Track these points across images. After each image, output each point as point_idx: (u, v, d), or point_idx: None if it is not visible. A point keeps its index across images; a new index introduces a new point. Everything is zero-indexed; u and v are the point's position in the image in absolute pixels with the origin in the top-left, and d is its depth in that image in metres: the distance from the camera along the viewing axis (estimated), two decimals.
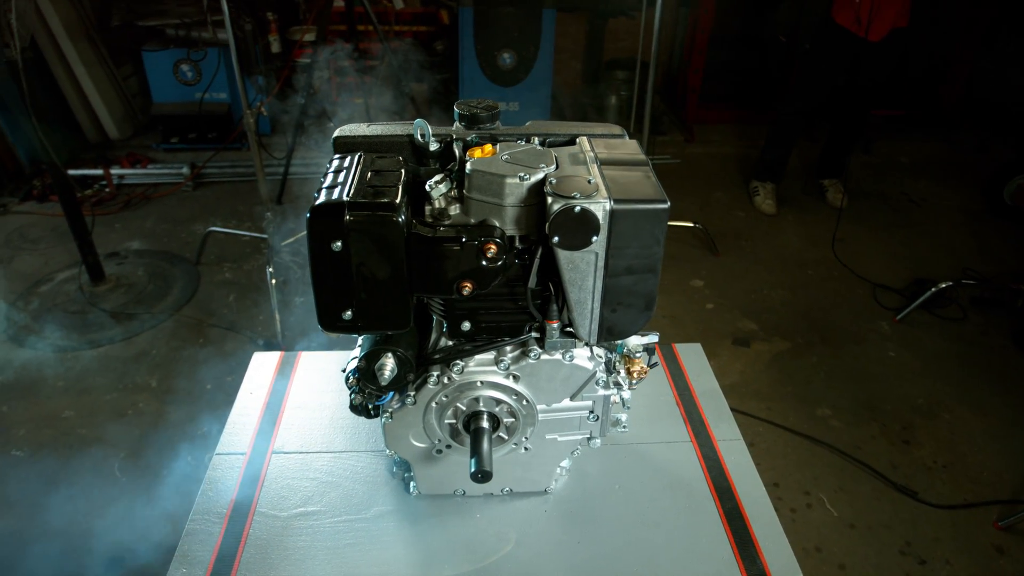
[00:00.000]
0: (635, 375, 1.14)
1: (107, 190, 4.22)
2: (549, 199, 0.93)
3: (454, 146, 1.10)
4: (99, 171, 4.24)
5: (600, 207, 0.92)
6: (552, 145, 1.11)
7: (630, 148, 1.07)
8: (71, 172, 4.23)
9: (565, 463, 1.28)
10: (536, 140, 1.11)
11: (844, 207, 3.93)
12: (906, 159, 4.70)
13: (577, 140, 1.10)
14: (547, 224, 0.93)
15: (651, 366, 1.16)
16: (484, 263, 0.97)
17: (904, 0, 3.38)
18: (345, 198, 0.94)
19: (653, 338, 1.19)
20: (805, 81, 3.83)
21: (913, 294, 3.22)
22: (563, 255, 0.96)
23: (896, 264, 3.57)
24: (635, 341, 1.15)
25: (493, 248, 0.96)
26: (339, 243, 0.94)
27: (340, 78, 5.06)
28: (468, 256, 0.96)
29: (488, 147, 1.05)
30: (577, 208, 0.91)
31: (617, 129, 1.15)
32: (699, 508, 1.24)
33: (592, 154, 1.04)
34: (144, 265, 3.56)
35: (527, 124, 1.17)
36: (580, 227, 0.93)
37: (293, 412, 1.45)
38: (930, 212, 4.10)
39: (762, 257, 3.62)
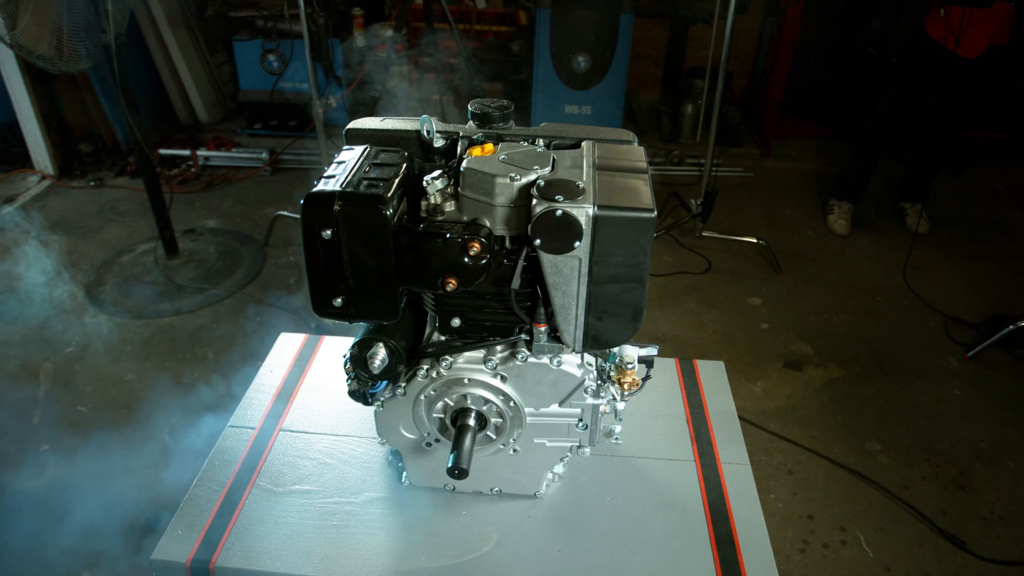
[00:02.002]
0: (626, 387, 1.11)
1: (192, 170, 4.46)
2: (533, 201, 0.93)
3: (459, 144, 1.11)
4: (187, 152, 4.50)
5: (583, 212, 0.91)
6: (558, 148, 1.10)
7: (633, 155, 1.05)
8: (162, 151, 4.51)
9: (559, 469, 1.27)
10: (541, 142, 1.10)
11: (923, 233, 3.70)
12: (1002, 187, 4.39)
13: (582, 144, 1.08)
14: (529, 226, 0.92)
15: (644, 379, 1.14)
16: (467, 261, 0.97)
17: (1004, 17, 3.15)
18: (337, 188, 0.97)
19: (652, 351, 1.17)
20: (893, 97, 3.63)
21: (990, 330, 3.00)
22: (547, 258, 0.96)
23: (975, 297, 3.34)
24: (631, 352, 1.13)
25: (477, 247, 0.96)
26: (328, 231, 0.97)
27: (419, 74, 5.18)
28: (452, 253, 0.97)
29: (489, 146, 1.05)
30: (559, 212, 0.91)
31: (628, 135, 1.13)
32: (690, 530, 1.21)
33: (592, 158, 1.03)
34: (216, 243, 3.75)
35: (540, 126, 1.17)
36: (562, 231, 0.92)
37: (306, 393, 1.50)
38: (1022, 244, 3.81)
39: (827, 279, 3.46)
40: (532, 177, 0.97)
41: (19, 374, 2.83)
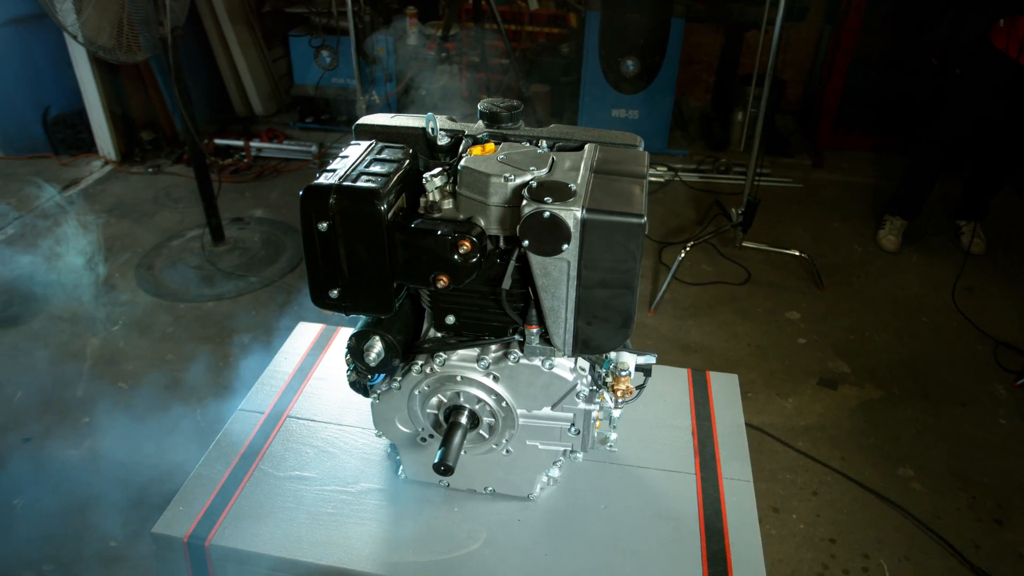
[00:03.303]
0: (620, 394, 1.10)
1: (245, 160, 4.60)
2: (523, 201, 0.92)
3: (464, 142, 1.12)
4: (240, 143, 4.64)
5: (571, 215, 0.90)
6: (562, 150, 1.10)
7: (634, 159, 1.04)
8: (217, 141, 4.66)
9: (554, 473, 1.26)
10: (544, 143, 1.10)
11: (977, 253, 3.54)
12: None
13: (585, 146, 1.08)
14: (518, 226, 0.92)
15: (639, 387, 1.12)
16: (457, 259, 0.98)
17: None
18: (334, 182, 0.99)
19: (650, 358, 1.15)
20: (954, 109, 3.49)
21: None
22: (536, 260, 0.95)
23: None
24: (626, 359, 1.12)
25: (467, 245, 0.97)
26: (324, 224, 0.99)
27: (470, 73, 5.22)
28: (442, 250, 0.98)
29: (490, 145, 1.06)
30: (547, 213, 0.90)
31: (634, 139, 1.12)
32: (681, 544, 1.18)
33: (591, 161, 1.02)
34: (262, 232, 3.86)
35: (549, 127, 1.16)
36: (550, 233, 0.91)
37: (316, 382, 1.53)
38: None
39: (872, 296, 3.34)
40: (527, 178, 0.97)
41: (68, 348, 2.97)
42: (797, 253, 3.47)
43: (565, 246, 0.92)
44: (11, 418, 2.62)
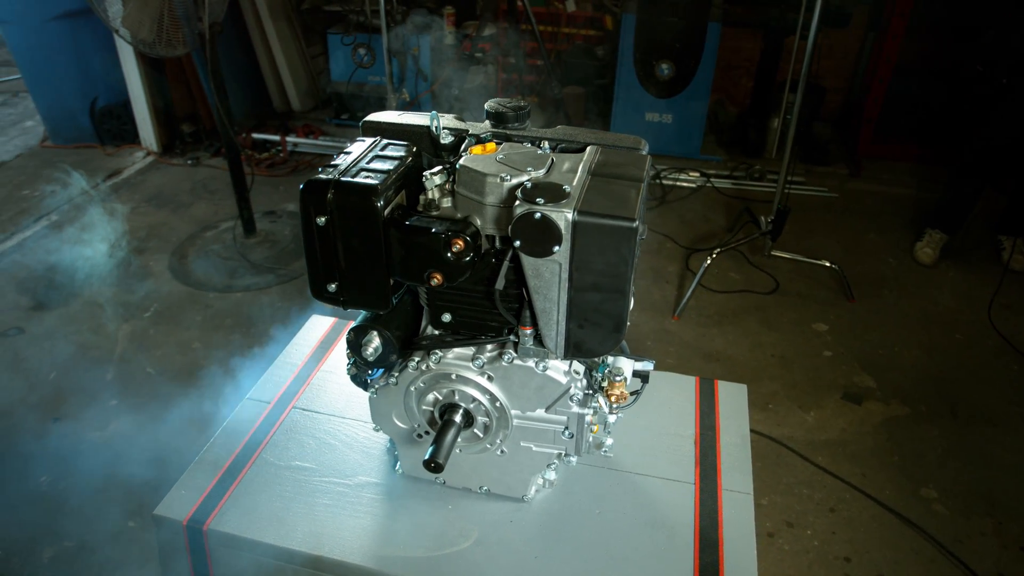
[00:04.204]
0: (614, 399, 1.09)
1: (280, 155, 4.68)
2: (516, 202, 0.92)
3: (467, 141, 1.12)
4: (277, 137, 4.73)
5: (562, 216, 0.90)
6: (564, 151, 1.10)
7: (635, 163, 1.03)
8: (255, 135, 4.76)
9: (551, 476, 1.26)
10: (547, 144, 1.10)
11: (1017, 269, 3.42)
12: None
13: (587, 148, 1.07)
14: (510, 227, 0.92)
15: (633, 393, 1.11)
16: (450, 257, 0.98)
17: None
18: (334, 177, 1.00)
19: (647, 365, 1.14)
20: (999, 121, 3.37)
21: None
22: (528, 261, 0.95)
23: None
24: (622, 364, 1.11)
25: (460, 244, 0.97)
26: (323, 218, 1.00)
27: (505, 73, 5.24)
28: (435, 248, 0.98)
29: (491, 145, 1.06)
30: (538, 214, 0.90)
31: (637, 142, 1.10)
32: (674, 554, 1.17)
33: (590, 163, 1.02)
34: (292, 226, 3.92)
35: (554, 128, 1.16)
36: (541, 234, 0.91)
37: (323, 375, 1.55)
38: None
39: (904, 311, 3.25)
40: (523, 178, 0.97)
41: (101, 333, 3.06)
42: (828, 264, 3.39)
43: (556, 248, 0.92)
44: (44, 398, 2.71)
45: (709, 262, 3.27)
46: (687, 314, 3.20)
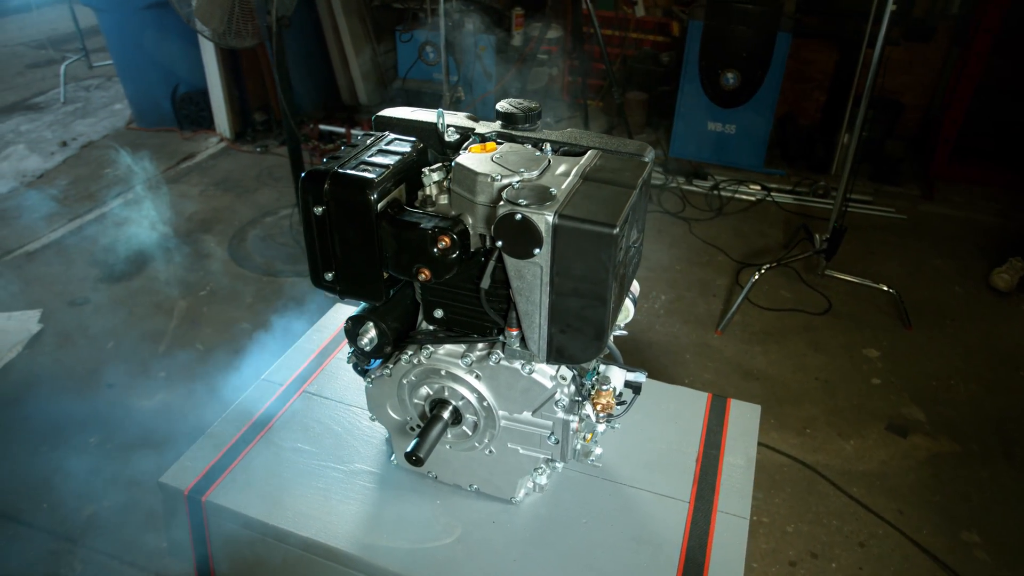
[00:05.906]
0: (600, 408, 1.08)
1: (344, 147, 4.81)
2: (501, 202, 0.92)
3: (471, 139, 1.13)
4: (343, 129, 4.86)
5: (543, 219, 0.90)
6: (567, 154, 1.09)
7: (632, 169, 1.01)
8: (321, 127, 4.90)
9: (541, 480, 1.25)
10: (548, 146, 1.09)
11: None
12: None
13: (587, 152, 1.06)
14: (492, 227, 0.92)
15: (620, 403, 1.09)
16: (436, 253, 0.99)
17: None
18: (332, 169, 1.02)
19: (640, 376, 1.12)
20: None
21: None
22: (510, 262, 0.95)
23: None
24: (612, 373, 1.09)
25: (446, 241, 0.98)
26: (320, 208, 1.03)
27: (571, 77, 5.22)
28: (423, 244, 0.99)
29: (491, 145, 1.06)
30: (518, 216, 0.90)
31: (642, 148, 1.09)
32: (655, 572, 1.15)
33: (586, 167, 1.01)
34: None
35: (564, 131, 1.15)
36: (521, 235, 0.91)
37: (337, 362, 1.58)
38: None
39: (965, 342, 3.07)
40: (514, 179, 0.97)
41: (159, 307, 3.22)
42: (886, 288, 3.24)
43: (537, 250, 0.91)
44: (101, 365, 2.87)
45: (757, 277, 3.17)
46: (731, 329, 3.12)
